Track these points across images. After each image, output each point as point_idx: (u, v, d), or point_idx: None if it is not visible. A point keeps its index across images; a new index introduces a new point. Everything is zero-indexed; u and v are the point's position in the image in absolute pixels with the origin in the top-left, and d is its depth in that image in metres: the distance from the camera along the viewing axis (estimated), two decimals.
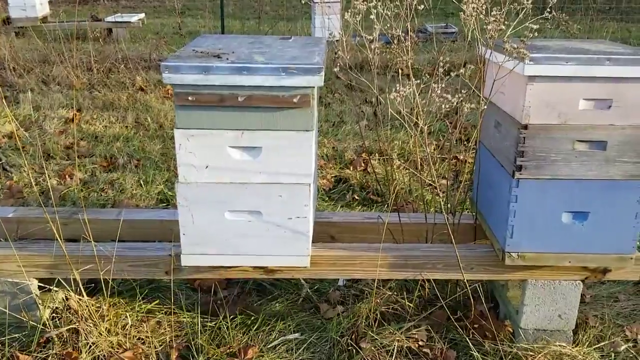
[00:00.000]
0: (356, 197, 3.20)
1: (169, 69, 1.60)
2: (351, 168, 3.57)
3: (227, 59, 1.65)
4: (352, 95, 5.21)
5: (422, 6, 1.79)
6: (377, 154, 3.69)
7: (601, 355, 1.96)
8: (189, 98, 1.63)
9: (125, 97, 5.01)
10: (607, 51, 1.74)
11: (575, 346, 1.97)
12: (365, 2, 1.83)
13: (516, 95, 1.76)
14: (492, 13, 1.71)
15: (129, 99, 4.98)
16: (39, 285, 1.98)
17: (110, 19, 8.07)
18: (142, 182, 3.33)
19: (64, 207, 2.89)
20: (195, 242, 1.78)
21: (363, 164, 3.59)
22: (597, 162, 1.75)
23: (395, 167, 3.28)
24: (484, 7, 1.70)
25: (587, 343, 1.98)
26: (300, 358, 1.95)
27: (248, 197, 1.74)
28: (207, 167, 1.70)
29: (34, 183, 3.07)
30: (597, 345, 1.98)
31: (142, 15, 8.55)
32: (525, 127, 1.72)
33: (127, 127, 4.37)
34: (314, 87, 1.64)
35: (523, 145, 1.73)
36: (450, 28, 8.03)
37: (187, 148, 1.69)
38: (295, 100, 1.64)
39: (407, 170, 3.37)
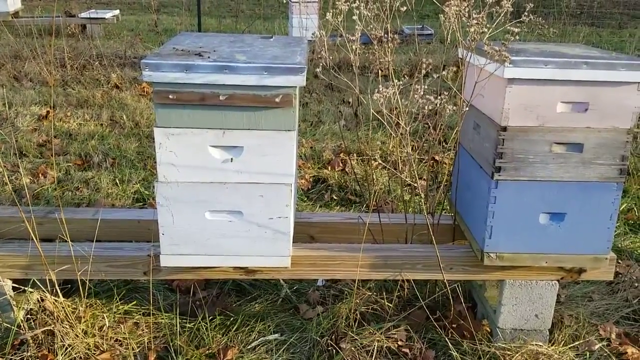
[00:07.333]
0: (334, 197, 3.21)
1: (150, 67, 1.58)
2: (329, 168, 3.57)
3: (209, 57, 1.64)
4: (331, 95, 5.21)
5: (405, 8, 1.80)
6: (356, 154, 3.70)
7: (576, 354, 1.99)
8: (170, 96, 1.61)
9: (100, 94, 4.93)
10: (584, 55, 1.77)
11: (551, 345, 2.00)
12: (348, 3, 1.83)
13: (495, 97, 1.78)
14: (473, 16, 1.73)
15: (104, 97, 4.90)
16: (13, 286, 1.94)
17: (84, 15, 7.93)
18: (117, 181, 3.29)
19: (38, 206, 2.84)
20: (175, 243, 1.76)
21: (341, 164, 3.59)
22: (574, 164, 1.78)
23: (374, 167, 3.30)
24: (466, 10, 1.71)
25: (562, 342, 2.02)
26: (280, 359, 1.95)
27: (229, 197, 1.72)
28: (187, 166, 1.68)
29: (6, 181, 3.00)
30: (572, 344, 2.02)
31: (117, 11, 8.42)
32: (505, 129, 1.74)
33: (102, 125, 4.30)
34: (296, 86, 1.64)
35: (502, 147, 1.76)
36: (427, 30, 8.09)
37: (167, 147, 1.67)
38: (277, 99, 1.64)
39: (385, 171, 3.38)
